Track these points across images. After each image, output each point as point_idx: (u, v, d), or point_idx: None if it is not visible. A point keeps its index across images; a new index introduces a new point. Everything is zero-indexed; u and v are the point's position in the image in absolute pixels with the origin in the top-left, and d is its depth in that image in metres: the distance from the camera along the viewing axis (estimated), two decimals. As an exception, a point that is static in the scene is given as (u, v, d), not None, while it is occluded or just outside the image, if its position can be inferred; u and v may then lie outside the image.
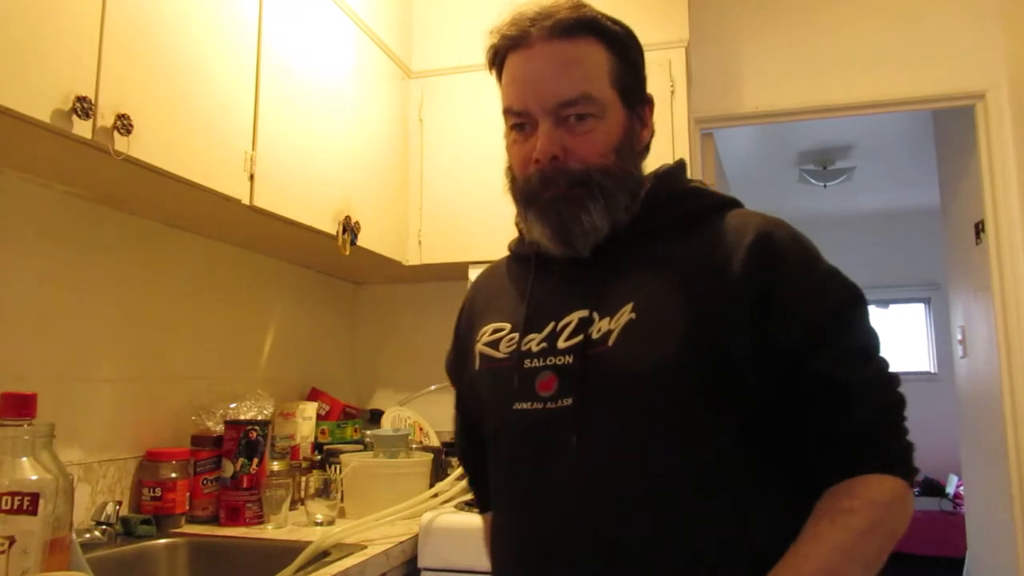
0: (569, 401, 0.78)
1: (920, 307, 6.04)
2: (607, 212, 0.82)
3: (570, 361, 0.79)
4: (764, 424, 0.77)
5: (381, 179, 2.14)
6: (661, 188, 0.88)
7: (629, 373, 0.76)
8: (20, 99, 1.04)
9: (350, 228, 1.89)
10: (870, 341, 0.79)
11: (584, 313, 0.81)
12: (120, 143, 1.19)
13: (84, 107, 1.11)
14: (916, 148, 4.34)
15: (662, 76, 2.25)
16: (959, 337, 3.08)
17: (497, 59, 0.88)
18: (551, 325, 0.83)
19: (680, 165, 0.93)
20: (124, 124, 1.19)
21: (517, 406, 0.82)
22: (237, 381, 1.97)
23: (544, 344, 0.82)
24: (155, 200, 1.55)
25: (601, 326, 0.79)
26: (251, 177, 1.53)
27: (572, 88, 0.81)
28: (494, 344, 0.87)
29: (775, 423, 0.77)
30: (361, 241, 1.94)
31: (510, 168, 0.88)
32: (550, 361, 0.81)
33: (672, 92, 2.23)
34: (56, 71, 1.09)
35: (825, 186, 4.82)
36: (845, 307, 0.79)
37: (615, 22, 0.87)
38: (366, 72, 2.07)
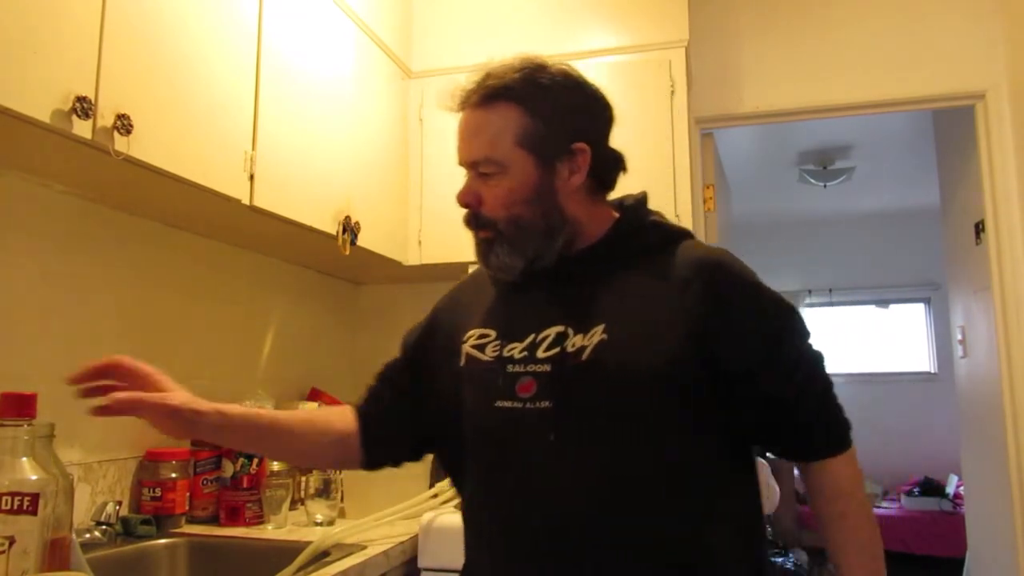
0: (547, 403, 0.90)
1: (920, 307, 6.03)
2: (516, 253, 0.96)
3: (548, 369, 0.92)
4: (719, 427, 0.92)
5: (381, 179, 2.14)
6: (626, 220, 1.02)
7: (600, 385, 0.89)
8: (20, 99, 1.04)
9: (350, 228, 1.89)
10: (800, 350, 0.96)
11: (560, 328, 0.93)
12: (120, 143, 1.19)
13: (84, 107, 1.11)
14: (916, 148, 4.33)
15: (662, 76, 2.25)
16: (959, 337, 3.08)
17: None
18: (531, 336, 0.95)
19: (643, 197, 1.07)
20: (124, 124, 1.19)
21: (499, 404, 0.94)
22: (237, 381, 1.97)
23: (525, 353, 0.94)
24: (155, 200, 1.55)
25: (576, 341, 0.92)
26: (251, 177, 1.53)
27: (477, 152, 0.98)
28: (480, 347, 0.99)
29: (729, 425, 0.93)
30: (361, 241, 1.94)
31: None
32: (530, 368, 0.93)
33: (672, 92, 2.23)
34: (56, 71, 1.09)
35: (825, 186, 4.82)
36: (783, 329, 0.95)
37: (541, 82, 0.97)
38: (366, 72, 2.07)
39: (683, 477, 0.89)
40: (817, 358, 0.96)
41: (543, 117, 0.97)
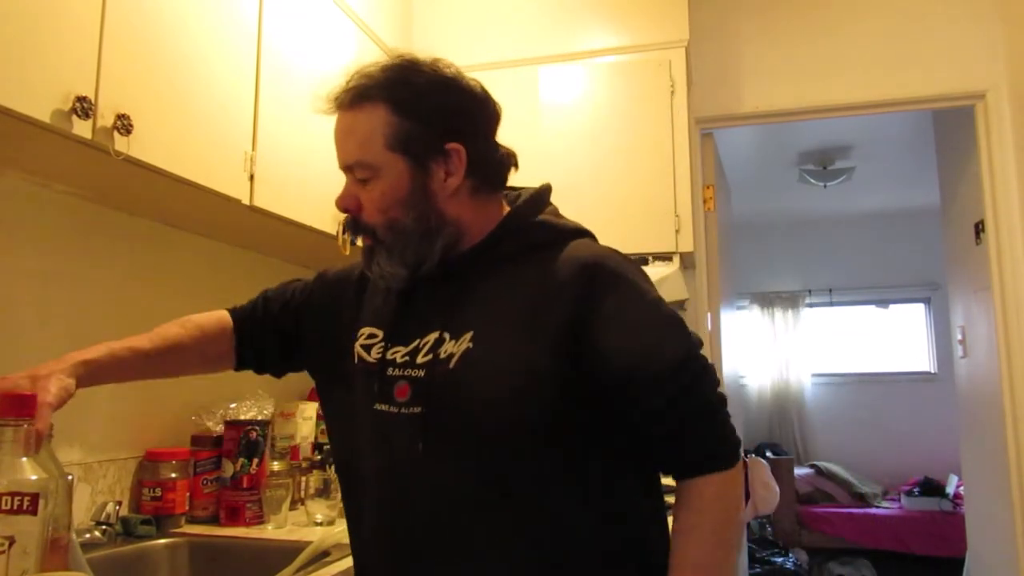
0: (417, 409, 0.89)
1: (920, 307, 6.03)
2: (395, 261, 0.94)
3: (422, 375, 0.90)
4: (590, 435, 0.89)
5: (381, 179, 2.14)
6: (511, 219, 0.97)
7: (463, 394, 0.87)
8: (20, 99, 1.04)
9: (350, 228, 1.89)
10: (679, 360, 0.88)
11: (438, 334, 0.92)
12: (120, 143, 1.19)
13: (84, 107, 1.11)
14: (916, 148, 4.33)
15: (662, 76, 2.25)
16: (959, 337, 3.08)
17: None
18: (416, 341, 0.93)
19: (537, 193, 1.01)
20: (124, 124, 1.19)
21: (377, 407, 0.93)
22: (237, 381, 1.96)
23: (407, 357, 0.93)
24: (155, 200, 1.55)
25: (448, 348, 0.90)
26: (251, 177, 1.53)
27: (349, 155, 0.95)
28: (367, 348, 0.98)
29: (601, 432, 0.89)
30: (361, 241, 1.94)
31: None
32: (407, 372, 0.92)
33: (672, 92, 2.23)
34: (56, 71, 1.09)
35: (825, 186, 4.82)
36: (660, 337, 0.88)
37: (410, 81, 0.93)
38: (366, 72, 2.07)
39: (547, 490, 0.87)
40: (699, 371, 0.89)
41: (413, 117, 0.92)
